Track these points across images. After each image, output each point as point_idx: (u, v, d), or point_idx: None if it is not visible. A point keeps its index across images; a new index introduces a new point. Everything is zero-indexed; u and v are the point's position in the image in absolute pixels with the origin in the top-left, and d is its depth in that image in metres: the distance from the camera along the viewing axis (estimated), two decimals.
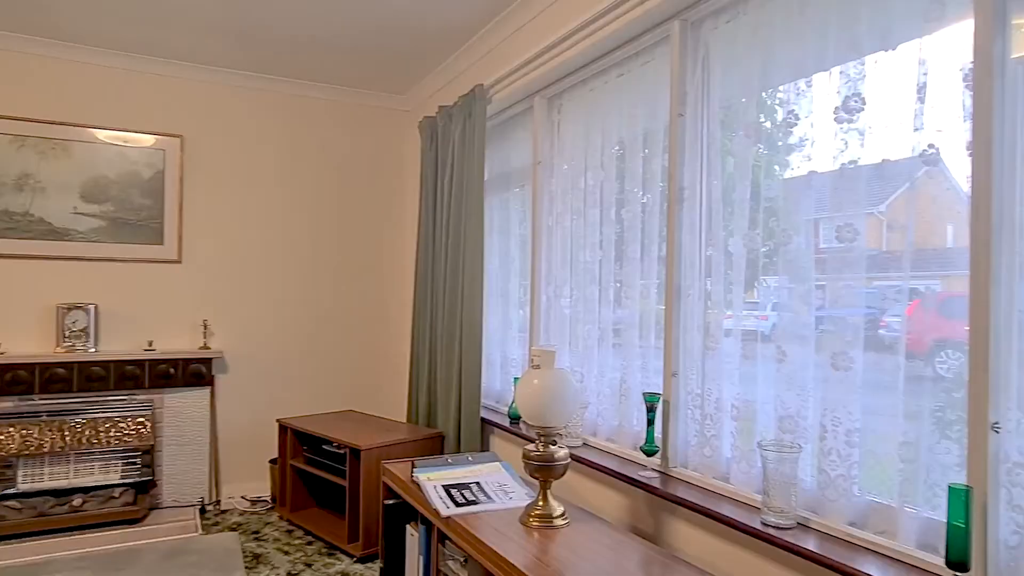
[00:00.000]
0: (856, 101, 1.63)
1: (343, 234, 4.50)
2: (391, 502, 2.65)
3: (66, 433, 3.47)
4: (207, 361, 3.94)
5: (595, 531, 2.00)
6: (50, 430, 3.44)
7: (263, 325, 4.24)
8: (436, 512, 2.16)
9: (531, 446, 2.05)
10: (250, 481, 4.21)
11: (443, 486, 2.33)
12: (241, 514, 3.90)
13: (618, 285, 2.58)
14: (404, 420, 4.36)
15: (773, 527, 1.72)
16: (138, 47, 3.69)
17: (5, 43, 3.53)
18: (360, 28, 3.39)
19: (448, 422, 3.44)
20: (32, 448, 3.38)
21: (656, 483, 2.12)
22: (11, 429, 3.36)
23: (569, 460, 2.04)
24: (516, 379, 3.21)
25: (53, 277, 3.69)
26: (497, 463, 2.58)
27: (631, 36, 2.43)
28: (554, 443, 2.04)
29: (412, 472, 2.47)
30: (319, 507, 3.88)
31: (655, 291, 2.37)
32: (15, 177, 3.58)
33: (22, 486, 3.41)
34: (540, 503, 2.04)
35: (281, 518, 3.82)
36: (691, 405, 2.17)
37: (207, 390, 3.96)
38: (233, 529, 3.64)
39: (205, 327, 4.04)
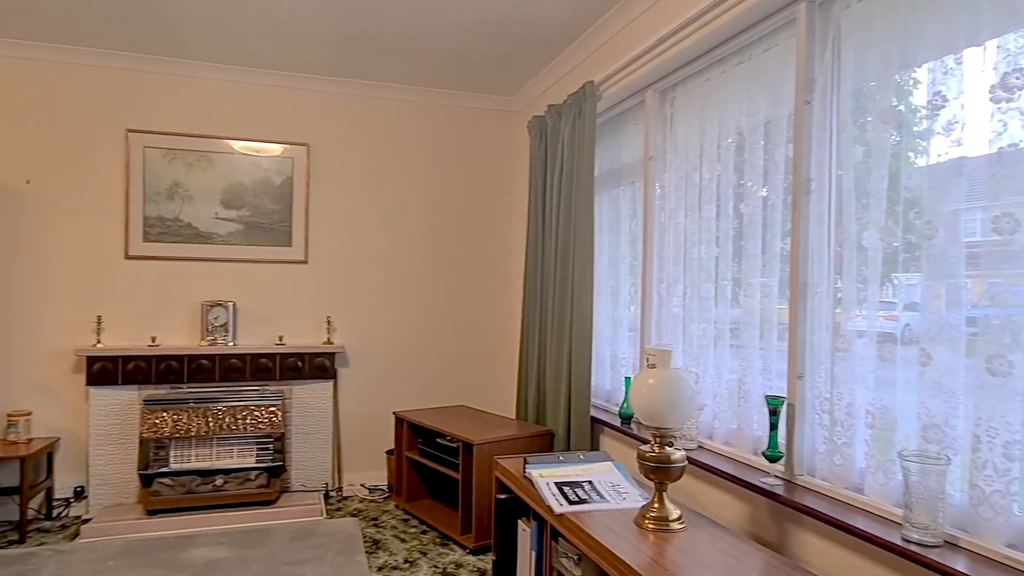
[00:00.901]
0: (1017, 77, 1.47)
1: (455, 234, 4.63)
2: (503, 497, 2.69)
3: (209, 419, 3.81)
4: (330, 355, 4.18)
5: (713, 537, 1.93)
6: (196, 416, 3.79)
7: (380, 322, 4.45)
8: (549, 509, 2.17)
9: (646, 447, 2.01)
10: (368, 470, 4.43)
11: (555, 483, 2.34)
12: (361, 501, 4.11)
13: (735, 283, 2.48)
14: (513, 416, 4.42)
15: (916, 544, 1.58)
16: (266, 62, 3.98)
17: (160, 67, 3.93)
18: (470, 32, 3.47)
19: (557, 420, 3.45)
20: (182, 431, 3.74)
21: (780, 491, 2.01)
22: (165, 414, 3.73)
23: (686, 463, 1.98)
24: (627, 379, 3.16)
25: (198, 277, 4.07)
26: (609, 462, 2.55)
27: (752, 22, 2.33)
28: (670, 444, 1.99)
29: (524, 468, 2.50)
30: (432, 498, 4.02)
31: (777, 289, 2.26)
32: (168, 186, 3.97)
33: (173, 465, 3.78)
34: (656, 505, 2.00)
35: (397, 507, 3.99)
36: (819, 410, 2.04)
37: (330, 383, 4.21)
38: (354, 515, 3.85)
39: (329, 323, 4.30)
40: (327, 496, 4.18)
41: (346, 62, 3.96)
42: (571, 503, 2.18)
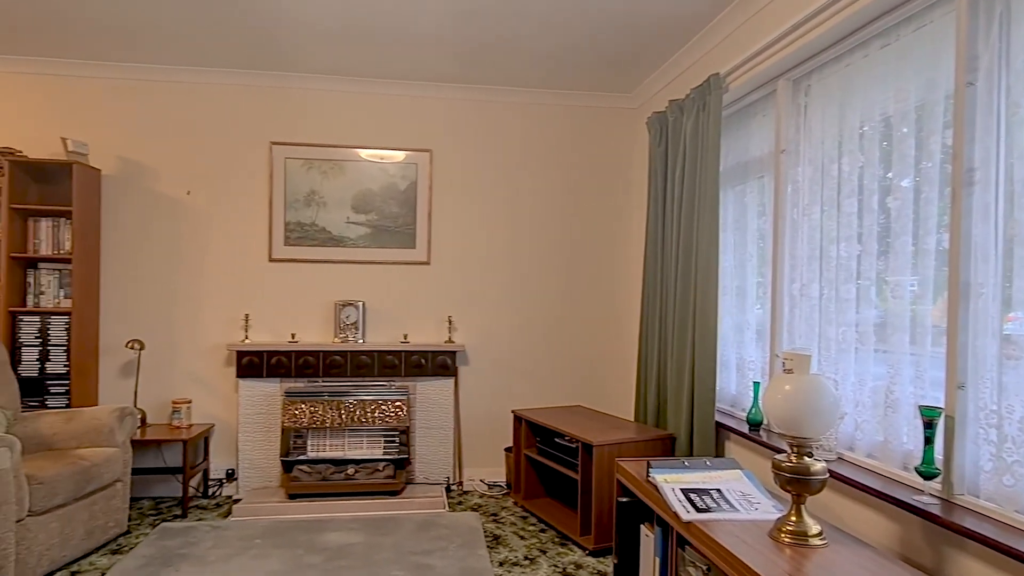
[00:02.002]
0: None
1: (573, 234, 4.62)
2: (625, 500, 2.66)
3: (342, 411, 4.05)
4: (452, 354, 4.32)
5: (858, 556, 1.80)
6: (330, 408, 4.05)
7: (499, 321, 4.54)
8: (676, 516, 2.11)
9: (782, 456, 1.91)
10: (487, 466, 4.52)
11: (681, 489, 2.28)
12: (480, 496, 4.21)
13: (880, 283, 2.29)
14: (631, 419, 4.35)
15: None
16: (389, 73, 4.17)
17: (298, 83, 4.24)
18: (591, 32, 3.45)
19: (679, 424, 3.36)
20: (318, 422, 4.01)
21: (936, 511, 1.84)
22: (303, 405, 4.02)
23: (827, 475, 1.86)
24: (755, 383, 3.02)
25: (331, 278, 4.34)
26: (738, 471, 2.45)
27: (901, 1, 2.14)
28: (809, 455, 1.87)
29: (648, 472, 2.45)
30: (548, 496, 4.04)
31: (931, 290, 2.06)
32: (305, 194, 4.28)
33: (310, 453, 4.06)
34: (793, 518, 1.89)
35: (515, 503, 4.05)
36: (984, 424, 1.84)
37: (451, 380, 4.34)
38: (474, 509, 3.95)
39: (450, 323, 4.44)
40: (448, 489, 4.32)
41: (466, 68, 4.07)
42: (699, 511, 2.11)
